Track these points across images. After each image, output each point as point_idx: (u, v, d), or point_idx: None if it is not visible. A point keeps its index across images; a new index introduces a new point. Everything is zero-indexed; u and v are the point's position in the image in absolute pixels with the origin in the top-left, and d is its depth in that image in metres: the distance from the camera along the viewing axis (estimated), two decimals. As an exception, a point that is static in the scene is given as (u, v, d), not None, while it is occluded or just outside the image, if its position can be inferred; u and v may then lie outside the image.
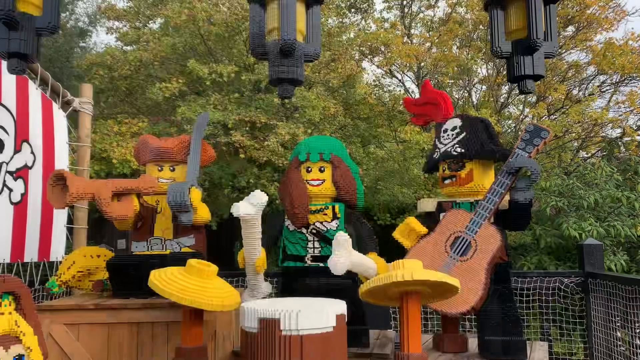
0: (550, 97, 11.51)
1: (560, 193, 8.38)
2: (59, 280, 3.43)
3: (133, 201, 3.31)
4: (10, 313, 2.26)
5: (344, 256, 2.72)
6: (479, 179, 3.22)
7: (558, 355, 5.43)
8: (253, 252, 3.07)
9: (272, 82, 3.00)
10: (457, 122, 3.32)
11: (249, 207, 2.85)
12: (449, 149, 3.27)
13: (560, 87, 10.94)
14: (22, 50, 2.72)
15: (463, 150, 3.21)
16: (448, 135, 3.32)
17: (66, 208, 4.63)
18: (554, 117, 11.89)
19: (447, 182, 3.31)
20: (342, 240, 2.74)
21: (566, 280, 5.08)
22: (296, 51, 2.87)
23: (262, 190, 2.95)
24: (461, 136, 3.25)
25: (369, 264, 2.91)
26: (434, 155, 3.41)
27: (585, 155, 12.88)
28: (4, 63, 2.82)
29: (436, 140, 3.45)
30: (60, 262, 3.62)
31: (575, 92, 12.14)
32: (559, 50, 11.17)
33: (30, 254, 4.08)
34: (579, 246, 5.22)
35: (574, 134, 11.60)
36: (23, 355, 2.24)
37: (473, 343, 3.34)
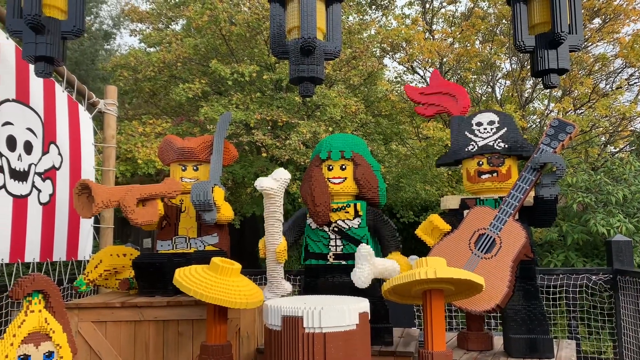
0: (576, 91, 11.29)
1: (587, 189, 8.22)
2: (87, 278, 3.50)
3: (158, 206, 3.35)
4: (40, 311, 2.32)
5: (367, 270, 2.73)
6: (515, 176, 3.20)
7: (586, 354, 5.33)
8: (274, 236, 3.05)
9: (292, 80, 3.01)
10: (494, 116, 3.29)
11: (272, 182, 2.92)
12: (490, 143, 3.23)
13: (586, 80, 10.72)
14: (48, 53, 2.78)
15: (507, 146, 3.20)
16: (485, 129, 3.27)
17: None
18: (580, 111, 11.66)
19: (485, 177, 3.23)
20: (365, 253, 2.75)
21: (594, 277, 4.99)
22: (316, 49, 2.88)
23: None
24: (502, 131, 3.23)
25: (392, 268, 2.90)
26: (468, 148, 3.31)
27: (613, 150, 12.61)
28: (32, 67, 2.88)
29: (467, 133, 3.35)
30: (88, 261, 3.70)
31: (602, 85, 11.88)
32: (585, 42, 10.95)
33: (59, 253, 4.17)
34: (607, 243, 5.12)
35: (601, 129, 11.36)
36: (53, 352, 2.30)
37: (498, 341, 3.30)
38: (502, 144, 3.21)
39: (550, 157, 2.93)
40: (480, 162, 3.28)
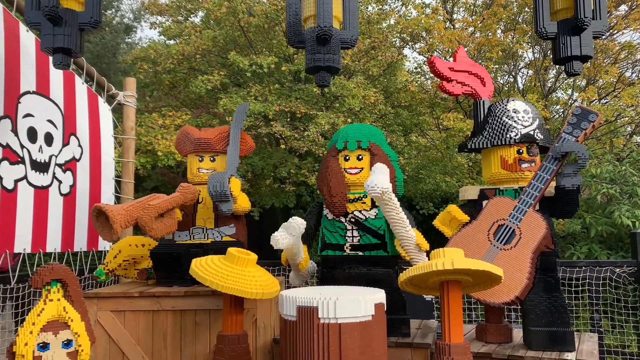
0: (600, 80, 11.03)
1: (611, 180, 8.04)
2: (106, 268, 3.54)
3: (175, 215, 3.35)
4: (58, 300, 2.35)
5: (382, 178, 2.64)
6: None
7: (610, 347, 5.23)
8: (295, 260, 3.15)
9: (308, 70, 2.99)
10: (526, 106, 3.24)
11: (288, 238, 2.78)
12: (531, 132, 3.15)
13: (611, 69, 10.46)
14: (66, 45, 2.80)
15: (543, 137, 3.16)
16: (523, 117, 3.19)
17: (112, 198, 4.78)
18: (605, 101, 11.40)
19: (525, 165, 3.12)
20: (381, 167, 2.72)
21: (618, 270, 4.88)
22: (333, 38, 2.85)
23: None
24: (537, 122, 3.18)
25: (404, 216, 2.85)
26: (511, 135, 3.15)
27: (639, 140, 12.31)
28: (51, 59, 2.91)
29: (505, 118, 3.19)
30: (108, 251, 3.74)
31: (627, 74, 11.58)
32: (611, 30, 10.68)
33: (80, 243, 4.23)
34: (632, 235, 5.00)
35: (626, 118, 11.09)
36: (71, 340, 2.33)
37: (518, 334, 3.26)
38: (539, 135, 3.16)
39: (572, 146, 2.86)
40: (521, 151, 3.15)
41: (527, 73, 12.63)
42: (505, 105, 3.26)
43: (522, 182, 3.14)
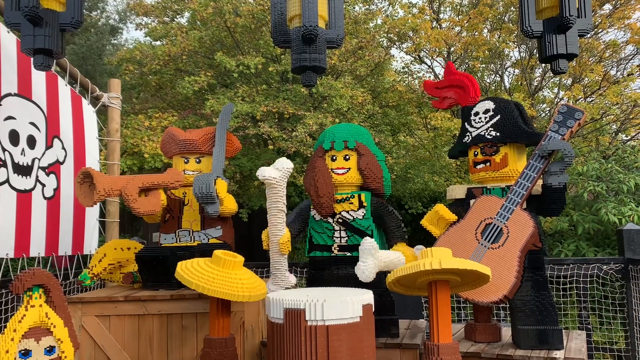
0: (586, 78, 11.13)
1: (598, 177, 8.10)
2: (91, 272, 3.49)
3: (160, 196, 3.33)
4: (40, 305, 2.30)
5: (371, 264, 2.69)
6: (513, 164, 3.12)
7: (598, 344, 5.26)
8: (277, 227, 3.02)
9: (295, 70, 2.96)
10: (490, 104, 3.22)
11: (274, 172, 2.90)
12: (482, 133, 3.17)
13: (596, 67, 10.55)
14: (47, 46, 2.75)
15: (498, 134, 3.12)
16: (480, 118, 3.21)
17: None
18: (590, 99, 11.50)
19: (479, 167, 3.21)
20: (369, 247, 2.70)
21: (605, 267, 4.91)
22: (318, 38, 2.83)
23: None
24: (495, 119, 3.15)
25: (397, 260, 2.86)
26: (464, 140, 3.31)
27: (625, 138, 12.43)
28: (32, 60, 2.86)
29: (465, 124, 3.35)
30: (93, 255, 3.69)
31: (612, 72, 11.70)
32: (595, 29, 10.77)
33: (64, 247, 4.17)
34: (619, 232, 5.03)
35: (612, 116, 11.19)
36: (54, 346, 2.28)
37: (507, 332, 3.25)
38: (493, 132, 3.14)
39: (558, 145, 2.86)
40: (476, 153, 3.25)
41: (514, 72, 12.70)
42: (471, 109, 3.31)
43: (509, 181, 3.14)
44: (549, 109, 12.16)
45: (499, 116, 3.16)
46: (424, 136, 11.78)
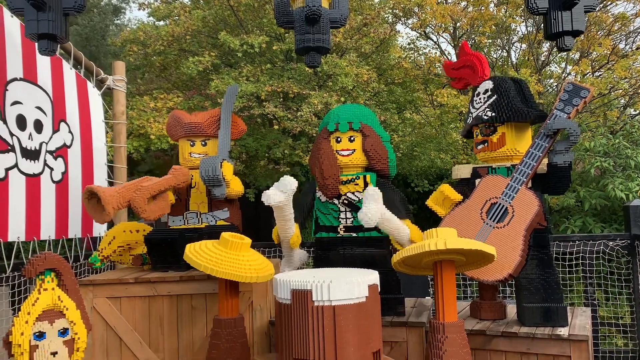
0: (594, 52, 10.98)
1: (605, 153, 8.06)
2: (101, 255, 3.54)
3: (168, 197, 3.34)
4: (53, 289, 2.35)
5: (374, 208, 2.66)
6: (511, 143, 3.11)
7: (603, 319, 5.31)
8: (287, 231, 3.10)
9: (298, 51, 2.95)
10: (489, 84, 3.20)
11: (279, 195, 2.80)
12: (480, 113, 3.17)
13: (605, 41, 10.41)
14: (51, 30, 2.76)
15: (493, 114, 3.11)
16: (480, 98, 3.21)
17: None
18: (598, 73, 11.37)
19: (480, 147, 3.23)
20: (373, 193, 2.70)
21: (611, 243, 4.92)
22: (322, 18, 2.81)
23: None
24: (492, 99, 3.14)
25: (400, 224, 2.86)
26: (468, 120, 3.32)
27: (633, 113, 12.31)
28: (37, 45, 2.86)
29: (470, 104, 3.35)
30: (102, 238, 3.73)
31: (621, 46, 11.53)
32: (604, 2, 10.59)
33: (74, 230, 4.22)
34: (625, 208, 5.03)
35: (620, 91, 11.07)
36: (67, 328, 2.33)
37: (512, 310, 3.29)
38: (489, 113, 3.13)
39: (563, 123, 2.85)
40: (476, 133, 3.26)
41: (521, 47, 12.55)
42: (476, 89, 3.31)
43: (508, 161, 3.15)
44: (556, 84, 12.04)
45: (495, 96, 3.15)
46: (430, 113, 11.72)
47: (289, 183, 2.80)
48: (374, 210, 2.67)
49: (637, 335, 4.69)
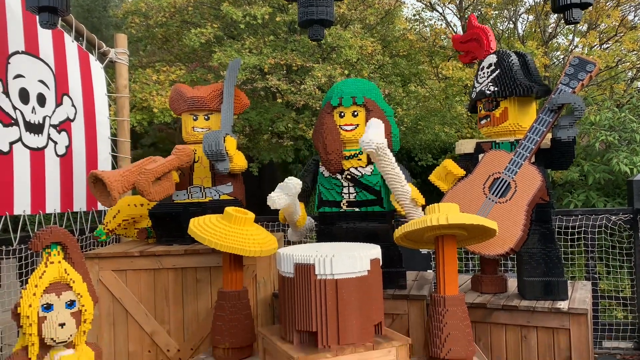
0: (602, 24, 10.80)
1: (610, 127, 8.01)
2: (106, 228, 3.57)
3: (172, 177, 3.34)
4: (59, 262, 2.38)
5: (377, 132, 2.64)
6: (514, 118, 3.10)
7: (604, 292, 5.36)
8: (292, 217, 3.14)
9: (301, 24, 2.92)
10: (493, 58, 3.17)
11: (284, 199, 2.77)
12: (483, 88, 3.15)
13: (613, 12, 10.23)
14: (51, 3, 2.73)
15: (496, 89, 3.09)
16: (484, 73, 3.18)
17: (109, 158, 4.77)
18: (606, 45, 11.21)
19: (483, 122, 3.23)
20: (376, 121, 2.69)
21: (614, 217, 4.93)
22: (325, -10, 2.77)
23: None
24: (495, 74, 3.11)
25: (402, 175, 2.82)
26: (472, 95, 3.30)
27: (640, 86, 12.19)
28: (37, 18, 2.84)
29: (475, 78, 3.32)
30: (107, 211, 3.77)
31: (630, 17, 11.34)
32: (614, -28, 10.36)
33: (79, 203, 4.26)
34: (629, 182, 5.02)
35: (627, 64, 10.94)
36: (74, 300, 2.37)
37: (513, 283, 3.32)
38: (492, 87, 3.11)
39: (568, 98, 2.83)
40: (480, 108, 3.25)
41: (528, 19, 12.36)
42: (481, 63, 3.28)
43: (510, 136, 3.14)
44: (562, 56, 11.89)
45: (498, 70, 3.12)
46: (435, 86, 11.62)
47: (293, 186, 2.76)
48: (376, 135, 2.61)
49: (637, 308, 4.74)
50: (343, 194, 3.24)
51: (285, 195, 2.77)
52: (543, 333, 2.86)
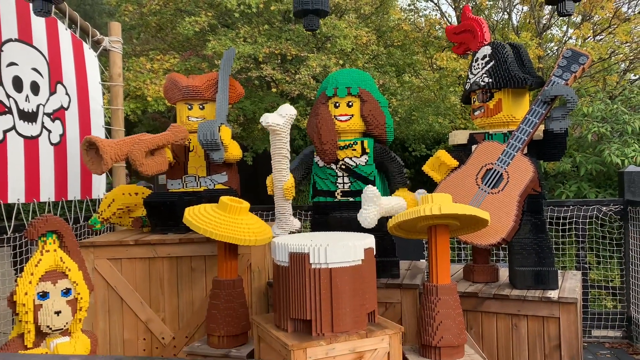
0: (596, 16, 10.82)
1: (603, 118, 8.06)
2: (101, 217, 3.58)
3: (166, 154, 3.35)
4: (55, 250, 2.39)
5: (373, 211, 2.74)
6: (508, 110, 3.12)
7: (594, 282, 5.43)
8: (281, 172, 3.06)
9: (296, 14, 2.93)
10: (488, 50, 3.19)
11: (278, 118, 2.89)
12: (477, 79, 3.17)
13: (607, 4, 10.25)
14: (45, -9, 2.72)
15: (490, 80, 3.11)
16: (478, 64, 3.20)
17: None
18: (599, 37, 11.24)
19: (477, 113, 3.25)
20: (371, 195, 2.74)
21: (604, 208, 4.98)
22: (320, -21, 2.78)
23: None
24: (489, 65, 3.13)
25: (398, 206, 2.90)
26: (466, 86, 3.32)
27: (633, 78, 12.24)
28: (31, 6, 2.83)
29: (469, 70, 3.34)
30: (102, 200, 3.77)
31: (624, 9, 11.36)
32: (609, -37, 10.36)
33: (73, 192, 4.25)
34: (620, 174, 5.07)
35: (620, 55, 10.98)
36: (70, 288, 2.39)
37: (505, 273, 3.37)
38: (486, 79, 3.13)
39: (561, 90, 2.86)
40: (474, 99, 3.27)
41: (522, 9, 12.36)
42: (475, 55, 3.29)
43: (504, 127, 3.17)
44: (556, 48, 11.91)
45: (493, 62, 3.14)
46: (429, 77, 11.62)
47: (289, 109, 2.92)
48: (373, 214, 2.74)
49: (626, 297, 4.82)
50: (337, 184, 3.27)
51: (279, 116, 2.90)
52: (533, 322, 2.91)
